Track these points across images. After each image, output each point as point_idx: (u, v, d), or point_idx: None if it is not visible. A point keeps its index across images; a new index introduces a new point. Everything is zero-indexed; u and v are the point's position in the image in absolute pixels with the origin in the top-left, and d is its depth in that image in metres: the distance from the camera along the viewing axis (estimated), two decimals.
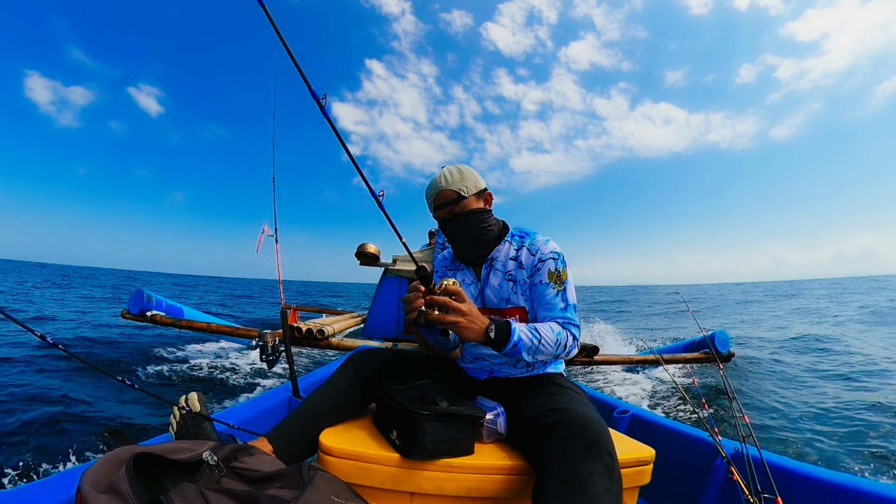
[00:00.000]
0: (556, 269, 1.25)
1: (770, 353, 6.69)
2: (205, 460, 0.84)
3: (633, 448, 1.16)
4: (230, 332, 4.52)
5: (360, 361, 1.28)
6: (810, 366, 5.76)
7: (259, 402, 1.70)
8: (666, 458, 1.33)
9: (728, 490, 1.38)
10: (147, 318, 4.22)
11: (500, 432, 1.14)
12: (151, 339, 6.54)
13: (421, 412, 0.99)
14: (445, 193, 1.30)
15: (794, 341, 7.68)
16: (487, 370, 1.36)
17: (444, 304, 1.05)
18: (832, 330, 9.17)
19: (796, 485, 1.23)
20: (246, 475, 0.85)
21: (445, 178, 1.31)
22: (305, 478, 0.82)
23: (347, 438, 1.09)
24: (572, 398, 1.12)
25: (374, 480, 1.01)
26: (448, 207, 1.30)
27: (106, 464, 0.76)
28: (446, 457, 1.01)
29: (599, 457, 0.87)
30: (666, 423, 1.76)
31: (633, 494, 1.13)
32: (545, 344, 1.14)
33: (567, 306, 1.24)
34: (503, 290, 1.31)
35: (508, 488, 1.02)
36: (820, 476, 1.20)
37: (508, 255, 1.33)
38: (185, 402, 1.13)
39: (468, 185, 1.31)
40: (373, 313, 5.72)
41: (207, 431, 1.12)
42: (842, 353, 6.54)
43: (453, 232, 1.33)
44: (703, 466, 1.47)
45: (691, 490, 1.50)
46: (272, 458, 0.98)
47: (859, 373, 5.21)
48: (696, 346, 4.81)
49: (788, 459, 1.35)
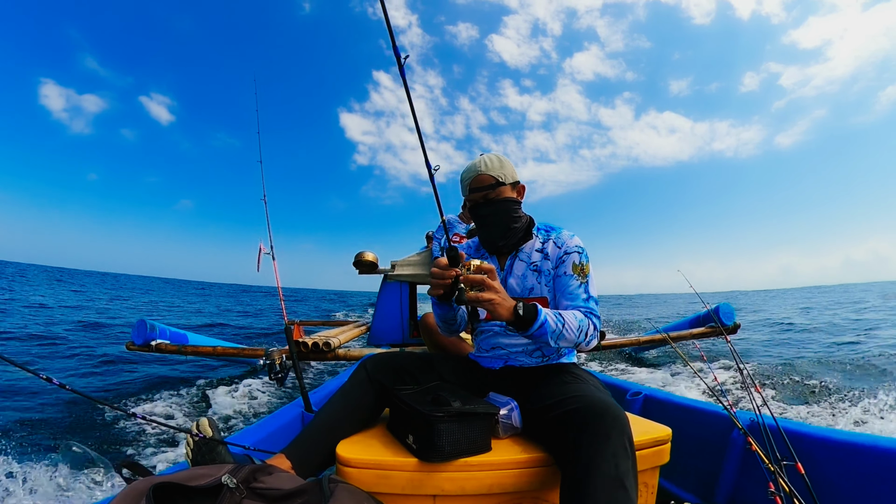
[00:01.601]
0: (580, 262, 1.29)
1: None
2: (224, 484, 0.84)
3: (649, 429, 1.16)
4: (236, 353, 4.51)
5: (372, 367, 1.28)
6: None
7: (272, 420, 1.69)
8: (683, 435, 1.34)
9: (748, 461, 1.38)
10: (152, 347, 4.20)
11: (516, 426, 1.14)
12: (156, 367, 6.51)
13: (435, 414, 0.99)
14: (483, 178, 1.33)
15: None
16: (503, 359, 1.37)
17: (481, 283, 1.07)
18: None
19: (815, 449, 1.23)
20: (267, 494, 0.85)
21: (486, 164, 1.34)
22: (327, 491, 0.82)
23: (364, 447, 1.09)
24: (587, 385, 1.14)
25: (394, 487, 1.01)
26: (484, 192, 1.33)
27: (126, 498, 0.75)
28: (464, 456, 1.01)
29: (620, 439, 0.89)
30: (679, 400, 1.76)
31: (653, 475, 1.13)
32: (569, 329, 1.15)
33: (589, 298, 1.26)
34: (527, 280, 1.34)
35: (530, 481, 1.02)
36: (838, 438, 1.21)
37: (534, 247, 1.37)
38: (196, 428, 1.12)
39: (506, 174, 1.34)
40: (377, 320, 5.71)
41: (223, 455, 1.11)
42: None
43: (485, 216, 1.35)
44: (720, 440, 1.48)
45: (711, 464, 1.50)
46: (291, 474, 0.97)
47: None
48: (702, 321, 4.81)
49: (805, 425, 1.36)
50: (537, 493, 1.04)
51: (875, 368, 4.87)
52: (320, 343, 4.12)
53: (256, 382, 5.34)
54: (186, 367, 6.33)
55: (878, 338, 7.71)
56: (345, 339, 4.84)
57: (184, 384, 5.38)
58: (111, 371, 5.89)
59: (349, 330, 5.76)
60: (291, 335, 1.96)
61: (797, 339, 8.03)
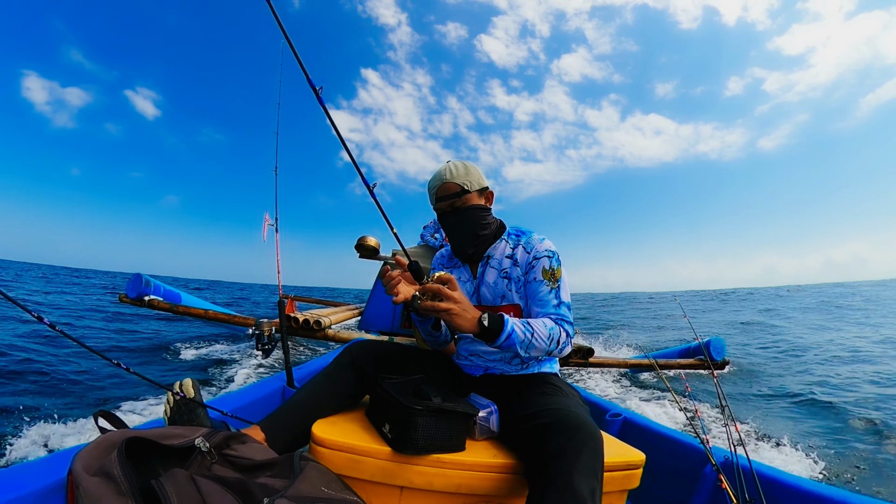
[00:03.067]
0: (550, 266, 1.26)
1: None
2: (197, 447, 0.85)
3: (623, 452, 1.16)
4: (227, 319, 4.53)
5: (357, 353, 1.28)
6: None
7: (253, 390, 1.70)
8: (656, 462, 1.34)
9: (716, 497, 1.38)
10: (145, 302, 4.23)
11: (493, 430, 1.14)
12: (148, 324, 6.54)
13: (414, 406, 0.99)
14: (449, 186, 1.32)
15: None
16: (483, 367, 1.36)
17: (437, 292, 1.05)
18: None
19: (784, 495, 1.23)
20: (237, 463, 0.86)
21: (450, 171, 1.32)
22: (297, 467, 0.83)
23: (340, 430, 1.09)
24: (566, 399, 1.13)
25: (364, 473, 1.01)
26: (450, 200, 1.31)
27: (98, 447, 0.76)
28: (437, 452, 1.01)
29: (591, 459, 0.88)
30: (658, 428, 1.77)
31: (621, 498, 1.13)
32: (538, 338, 1.14)
33: (560, 304, 1.24)
34: (498, 287, 1.32)
35: (498, 486, 1.03)
36: (808, 488, 1.21)
37: (504, 252, 1.34)
38: (179, 387, 1.13)
39: (472, 181, 1.32)
40: (370, 306, 5.72)
41: (201, 418, 1.12)
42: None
43: (452, 225, 1.34)
44: (692, 473, 1.48)
45: (680, 496, 1.50)
46: (264, 446, 0.98)
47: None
48: (692, 353, 4.81)
49: (778, 470, 1.36)
50: (504, 498, 1.04)
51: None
52: (311, 320, 4.13)
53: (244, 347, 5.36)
54: (177, 328, 6.35)
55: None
56: (336, 320, 4.85)
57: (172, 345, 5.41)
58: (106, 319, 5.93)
59: (342, 312, 5.78)
60: (284, 308, 1.96)
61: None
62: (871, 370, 5.50)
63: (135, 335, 5.87)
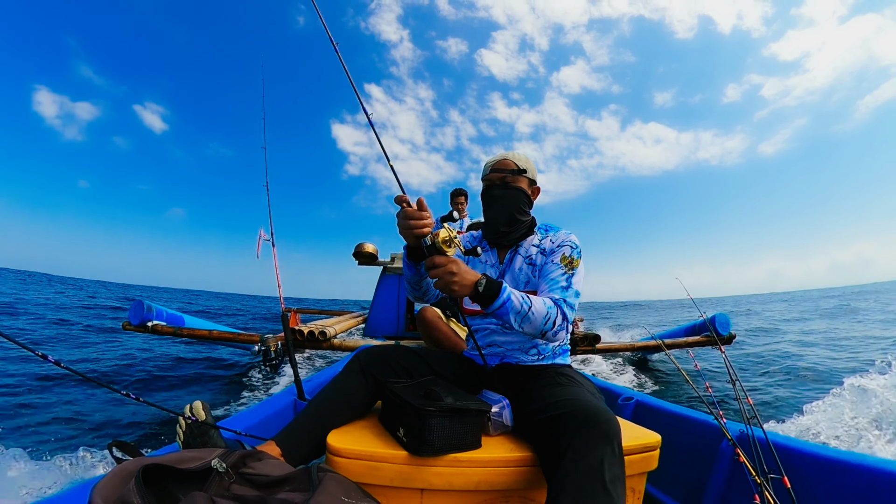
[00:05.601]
0: (570, 255, 1.31)
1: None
2: (214, 468, 0.84)
3: (639, 434, 1.17)
4: (232, 338, 4.52)
5: (365, 359, 1.28)
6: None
7: (264, 406, 1.70)
8: (672, 442, 1.34)
9: (735, 472, 1.39)
10: (148, 328, 4.21)
11: (507, 425, 1.15)
12: (151, 349, 6.53)
13: (426, 408, 0.99)
14: (508, 162, 1.40)
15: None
16: (499, 356, 1.38)
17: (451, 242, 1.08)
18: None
19: (803, 464, 1.24)
20: (255, 480, 0.85)
21: (513, 153, 1.42)
22: (315, 480, 0.83)
23: (355, 438, 1.09)
24: (580, 389, 1.14)
25: (383, 479, 1.01)
26: (504, 174, 1.39)
27: (115, 477, 0.76)
28: (454, 452, 1.01)
29: (610, 445, 0.89)
30: (671, 408, 1.77)
31: (641, 480, 1.14)
32: (534, 313, 1.14)
33: (569, 287, 1.26)
34: (523, 273, 1.37)
35: (517, 479, 1.03)
36: (826, 454, 1.21)
37: (533, 243, 1.40)
38: (189, 411, 1.13)
39: (529, 169, 1.41)
40: (373, 312, 5.72)
41: (214, 439, 1.12)
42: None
43: (497, 197, 1.39)
44: (709, 450, 1.48)
45: (698, 473, 1.51)
46: (280, 461, 0.98)
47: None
48: (697, 330, 4.83)
49: (794, 439, 1.36)
50: (525, 491, 1.04)
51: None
52: (316, 331, 4.13)
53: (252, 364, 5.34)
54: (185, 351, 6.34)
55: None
56: (341, 328, 4.85)
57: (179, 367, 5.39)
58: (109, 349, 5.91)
59: (346, 320, 5.78)
60: (288, 322, 1.96)
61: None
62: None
63: (140, 360, 5.86)
